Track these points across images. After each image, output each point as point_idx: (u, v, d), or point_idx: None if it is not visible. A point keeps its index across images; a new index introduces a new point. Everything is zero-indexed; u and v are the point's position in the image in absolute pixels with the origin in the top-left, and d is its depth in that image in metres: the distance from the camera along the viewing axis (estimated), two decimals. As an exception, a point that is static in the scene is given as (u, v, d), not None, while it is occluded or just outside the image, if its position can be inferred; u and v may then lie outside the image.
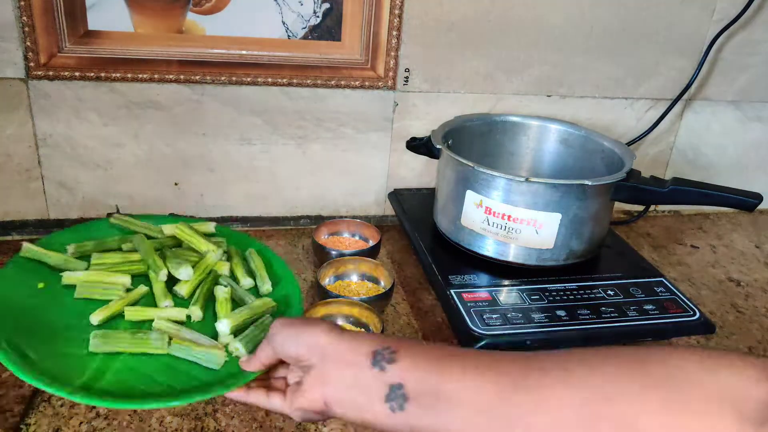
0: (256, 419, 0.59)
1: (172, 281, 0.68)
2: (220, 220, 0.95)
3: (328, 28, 0.86)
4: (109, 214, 0.79)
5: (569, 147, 0.92)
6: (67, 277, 0.65)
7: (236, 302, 0.67)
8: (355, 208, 1.00)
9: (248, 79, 0.86)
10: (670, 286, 0.77)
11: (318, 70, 0.88)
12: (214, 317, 0.64)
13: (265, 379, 0.56)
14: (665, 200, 0.76)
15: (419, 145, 0.86)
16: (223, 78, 0.85)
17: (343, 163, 0.95)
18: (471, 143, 0.90)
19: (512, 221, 0.75)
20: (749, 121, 1.09)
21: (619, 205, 0.97)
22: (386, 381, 0.44)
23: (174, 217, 0.83)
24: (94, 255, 0.69)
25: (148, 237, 0.74)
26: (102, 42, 0.81)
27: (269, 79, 0.87)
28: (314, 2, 0.84)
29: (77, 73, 0.81)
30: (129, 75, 0.83)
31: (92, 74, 0.81)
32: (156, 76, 0.83)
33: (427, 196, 0.93)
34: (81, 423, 0.57)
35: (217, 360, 0.57)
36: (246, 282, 0.70)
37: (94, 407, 0.59)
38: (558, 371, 0.40)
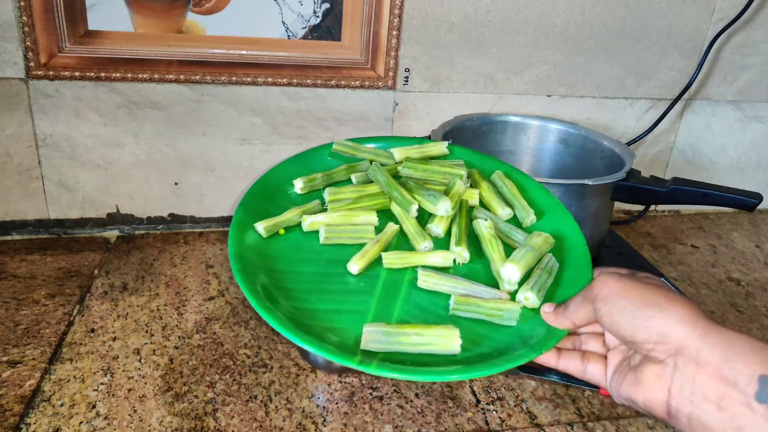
0: (256, 419, 0.59)
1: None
2: (220, 220, 0.95)
3: (328, 28, 0.86)
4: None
5: (569, 147, 0.92)
6: (312, 223, 0.58)
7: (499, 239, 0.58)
8: (355, 208, 0.99)
9: (248, 79, 0.86)
10: (670, 285, 0.78)
11: (318, 70, 0.88)
12: (476, 258, 0.57)
13: (573, 334, 0.46)
14: (665, 200, 0.76)
15: (419, 145, 0.86)
16: (223, 78, 0.85)
17: (343, 163, 0.95)
18: (471, 143, 0.90)
19: (512, 221, 0.74)
20: (749, 121, 1.09)
21: (619, 205, 0.98)
22: None
23: (397, 139, 0.72)
24: (330, 191, 0.61)
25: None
26: (102, 42, 0.81)
27: (269, 79, 0.87)
28: (314, 2, 0.84)
29: (77, 73, 0.81)
30: (129, 75, 0.83)
31: (92, 74, 0.82)
32: (156, 76, 0.83)
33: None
34: (81, 423, 0.57)
35: (516, 315, 0.49)
36: (504, 213, 0.61)
37: (94, 407, 0.59)
38: None
